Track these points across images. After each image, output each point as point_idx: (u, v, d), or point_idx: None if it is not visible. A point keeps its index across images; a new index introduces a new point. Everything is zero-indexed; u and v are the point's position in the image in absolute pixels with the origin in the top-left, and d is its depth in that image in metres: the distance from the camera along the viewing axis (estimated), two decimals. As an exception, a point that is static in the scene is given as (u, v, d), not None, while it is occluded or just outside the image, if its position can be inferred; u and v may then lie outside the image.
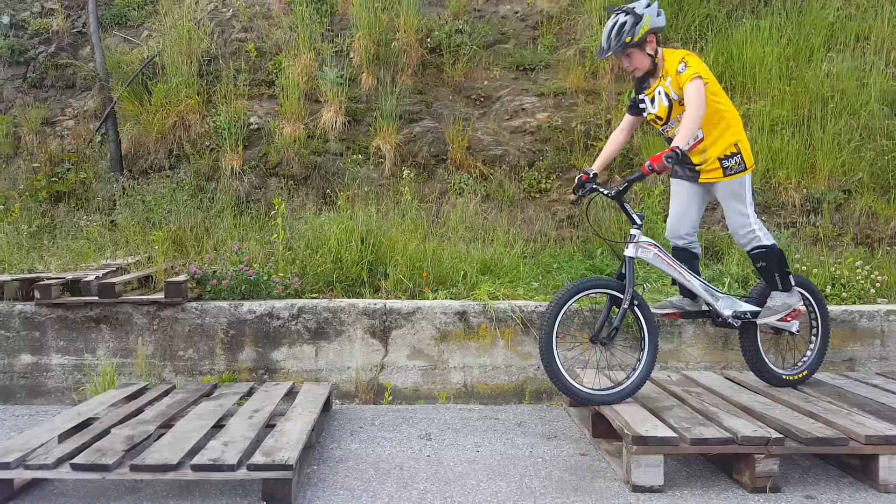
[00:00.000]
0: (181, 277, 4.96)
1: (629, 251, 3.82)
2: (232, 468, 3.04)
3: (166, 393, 4.27)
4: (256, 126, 7.07)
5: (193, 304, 4.87)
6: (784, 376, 4.18)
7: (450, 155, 6.86)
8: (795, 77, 6.88)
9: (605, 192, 3.92)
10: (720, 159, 3.86)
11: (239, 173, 6.69)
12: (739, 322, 4.01)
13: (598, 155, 4.23)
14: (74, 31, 7.97)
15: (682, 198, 4.11)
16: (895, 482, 3.30)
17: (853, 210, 6.25)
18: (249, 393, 4.31)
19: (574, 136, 6.84)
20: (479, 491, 3.30)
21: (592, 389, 3.77)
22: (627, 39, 3.71)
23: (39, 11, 8.12)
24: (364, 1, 7.33)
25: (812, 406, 3.75)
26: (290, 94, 6.94)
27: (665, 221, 4.20)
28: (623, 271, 3.80)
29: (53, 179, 6.72)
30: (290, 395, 4.33)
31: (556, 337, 3.66)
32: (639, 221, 3.87)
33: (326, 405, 4.33)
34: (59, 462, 3.09)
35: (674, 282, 4.11)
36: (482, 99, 7.36)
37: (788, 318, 4.04)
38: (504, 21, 7.99)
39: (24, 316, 4.81)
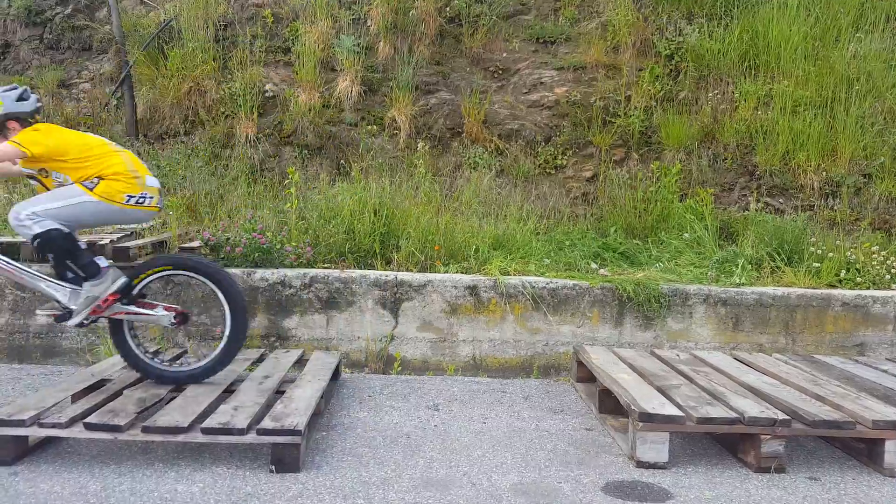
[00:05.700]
0: (195, 243, 4.98)
1: None
2: (241, 432, 3.08)
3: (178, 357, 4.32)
4: (272, 93, 7.03)
5: (206, 269, 4.88)
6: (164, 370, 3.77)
7: (465, 128, 6.80)
8: (821, 57, 6.75)
9: None
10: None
11: (253, 141, 6.68)
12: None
13: None
14: (92, -8, 7.93)
15: None
16: (901, 467, 3.31)
17: (872, 195, 6.16)
18: (260, 359, 4.36)
19: (592, 112, 6.76)
20: (485, 461, 3.34)
21: None
22: None
23: (57, -28, 8.08)
24: (383, -32, 7.24)
25: (820, 389, 3.74)
26: (306, 61, 6.89)
27: (681, 201, 4.14)
28: None
29: (69, 142, 6.73)
30: (300, 362, 4.37)
31: None
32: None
33: (336, 374, 4.37)
34: (72, 421, 3.15)
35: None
36: (500, 71, 7.27)
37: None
38: (525, -8, 7.86)
39: (39, 277, 4.85)
